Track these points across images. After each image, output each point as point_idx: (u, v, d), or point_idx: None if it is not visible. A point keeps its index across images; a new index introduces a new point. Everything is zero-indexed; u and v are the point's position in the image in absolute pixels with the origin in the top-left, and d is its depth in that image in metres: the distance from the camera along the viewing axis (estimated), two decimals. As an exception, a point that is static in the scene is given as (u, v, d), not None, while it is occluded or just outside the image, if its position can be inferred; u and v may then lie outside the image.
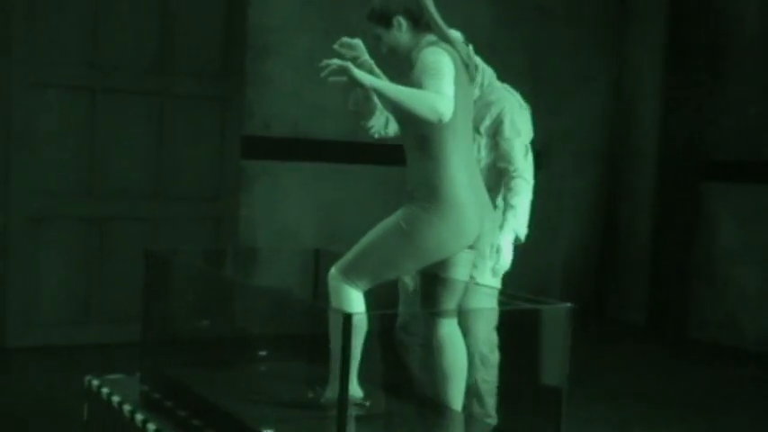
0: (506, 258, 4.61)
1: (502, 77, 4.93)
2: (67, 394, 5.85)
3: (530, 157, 4.76)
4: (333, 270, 3.88)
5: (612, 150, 9.81)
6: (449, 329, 4.03)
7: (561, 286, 9.53)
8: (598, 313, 9.72)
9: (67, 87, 7.31)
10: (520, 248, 4.87)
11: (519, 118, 4.76)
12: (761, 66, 8.57)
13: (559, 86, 9.43)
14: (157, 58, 7.56)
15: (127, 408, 4.24)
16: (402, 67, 3.99)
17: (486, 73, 4.80)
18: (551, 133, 9.37)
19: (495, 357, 4.77)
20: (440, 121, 3.61)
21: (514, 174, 4.67)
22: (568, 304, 3.71)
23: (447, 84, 3.66)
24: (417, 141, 3.88)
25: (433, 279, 4.03)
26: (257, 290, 4.46)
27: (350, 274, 3.85)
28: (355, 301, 3.84)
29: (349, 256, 3.90)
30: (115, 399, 4.37)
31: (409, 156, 3.97)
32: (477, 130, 4.63)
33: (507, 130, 4.70)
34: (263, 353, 4.70)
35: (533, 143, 4.87)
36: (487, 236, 4.13)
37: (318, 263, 4.74)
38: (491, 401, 4.76)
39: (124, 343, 7.09)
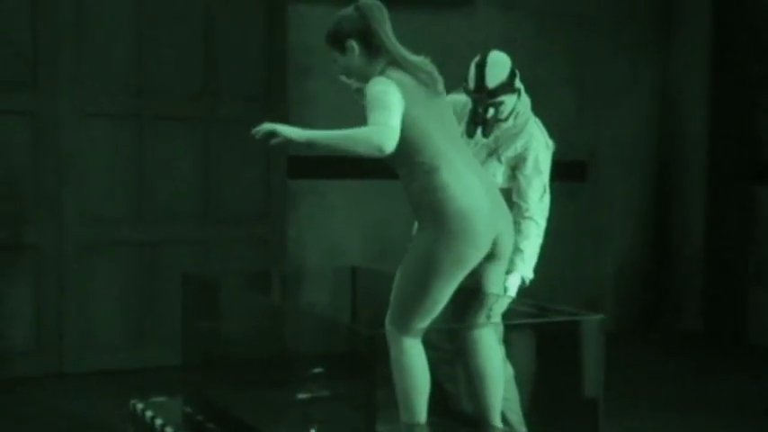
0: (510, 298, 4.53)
1: (544, 87, 4.88)
2: (115, 418, 5.92)
3: (546, 198, 4.72)
4: (387, 325, 3.86)
5: (661, 156, 9.70)
6: (480, 333, 4.03)
7: (613, 295, 9.45)
8: (653, 322, 9.60)
9: (115, 116, 7.43)
10: (571, 257, 4.89)
11: (543, 158, 4.71)
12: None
13: (605, 93, 9.37)
14: (202, 84, 7.65)
15: (169, 430, 4.31)
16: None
17: (523, 101, 4.74)
18: (598, 141, 9.35)
19: (506, 372, 4.56)
20: (381, 152, 3.57)
21: (526, 214, 4.64)
22: (600, 315, 3.71)
23: (389, 114, 3.61)
24: (403, 166, 3.87)
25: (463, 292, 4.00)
26: (293, 311, 4.51)
27: (400, 325, 3.83)
28: (409, 352, 3.84)
29: (392, 306, 3.88)
30: (158, 421, 4.44)
31: (402, 181, 3.94)
32: (498, 158, 4.65)
33: (530, 167, 4.66)
34: (305, 375, 4.74)
35: (553, 162, 4.83)
36: (505, 236, 4.03)
37: (355, 280, 4.79)
38: (516, 418, 4.60)
39: (174, 366, 7.21)
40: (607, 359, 3.83)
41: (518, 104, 4.68)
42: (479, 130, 4.60)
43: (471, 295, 4.07)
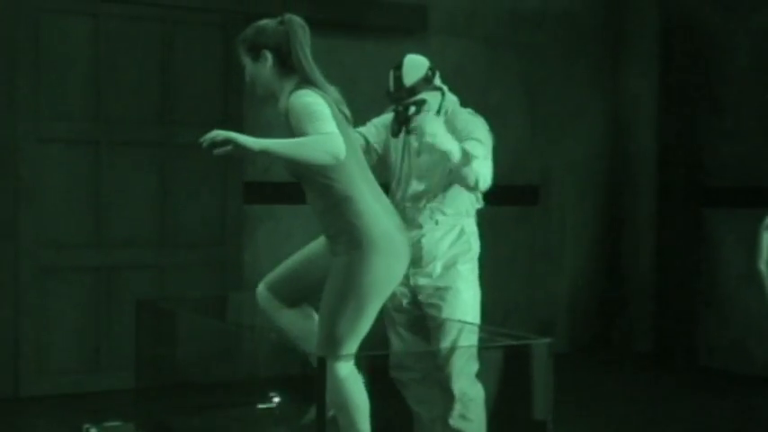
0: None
1: (498, 114, 4.85)
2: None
3: (489, 163, 4.48)
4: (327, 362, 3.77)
5: (612, 180, 9.74)
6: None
7: (567, 317, 9.46)
8: (606, 343, 9.62)
9: (72, 141, 7.38)
10: (524, 280, 4.85)
11: (476, 128, 4.58)
12: (756, 92, 8.51)
13: (557, 119, 9.40)
14: (159, 110, 7.63)
15: (121, 454, 4.27)
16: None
17: (449, 99, 4.72)
18: (550, 166, 9.37)
19: (475, 392, 4.61)
20: (337, 160, 3.60)
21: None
22: (548, 339, 3.72)
23: (329, 123, 3.63)
24: (320, 191, 3.88)
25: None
26: (247, 333, 4.49)
27: (337, 353, 3.81)
28: (350, 377, 3.84)
29: (324, 338, 3.86)
30: (111, 446, 4.40)
31: (316, 205, 3.96)
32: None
33: (473, 146, 4.48)
34: (257, 398, 4.72)
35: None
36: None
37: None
38: None
39: (131, 390, 7.14)
40: (560, 380, 3.82)
41: (444, 103, 4.68)
42: (404, 129, 4.57)
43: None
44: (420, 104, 4.57)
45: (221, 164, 7.71)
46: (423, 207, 4.64)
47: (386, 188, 4.37)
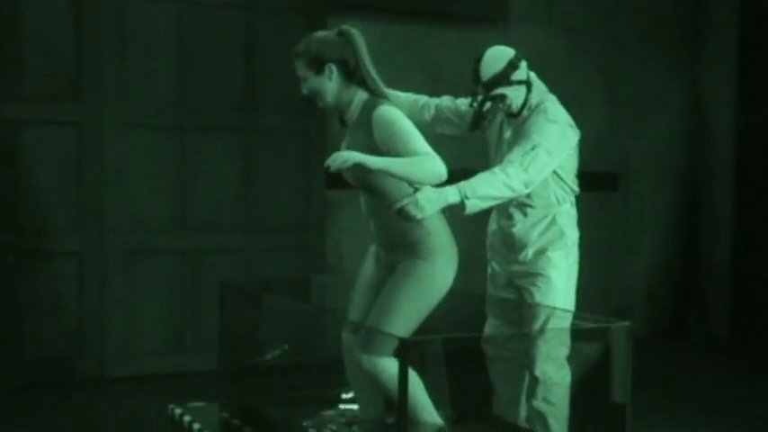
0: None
1: (577, 102, 4.68)
2: (155, 422, 5.83)
3: (531, 160, 4.21)
4: (365, 353, 3.74)
5: (691, 166, 9.57)
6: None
7: (645, 302, 9.30)
8: (683, 327, 9.46)
9: (157, 127, 7.34)
10: (603, 265, 4.73)
11: (544, 128, 4.34)
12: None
13: (636, 107, 9.25)
14: (243, 96, 7.55)
15: (206, 435, 4.16)
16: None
17: (536, 92, 4.51)
18: (630, 153, 9.22)
19: (559, 376, 4.49)
20: (441, 179, 3.64)
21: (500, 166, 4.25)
22: (627, 322, 3.59)
23: (424, 141, 3.64)
24: (386, 206, 3.80)
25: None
26: (329, 315, 4.37)
27: (386, 349, 3.72)
28: (396, 367, 3.65)
29: (375, 334, 3.76)
30: (196, 426, 4.30)
31: (381, 215, 3.88)
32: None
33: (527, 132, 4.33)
34: (342, 381, 4.58)
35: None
36: None
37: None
38: (558, 427, 4.47)
39: (215, 371, 7.08)
40: (637, 364, 3.71)
41: (530, 97, 4.47)
42: (479, 124, 4.45)
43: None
44: (498, 100, 4.38)
45: (304, 150, 7.60)
46: (512, 200, 4.45)
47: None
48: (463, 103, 4.68)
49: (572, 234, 4.65)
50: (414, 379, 3.65)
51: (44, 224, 7.02)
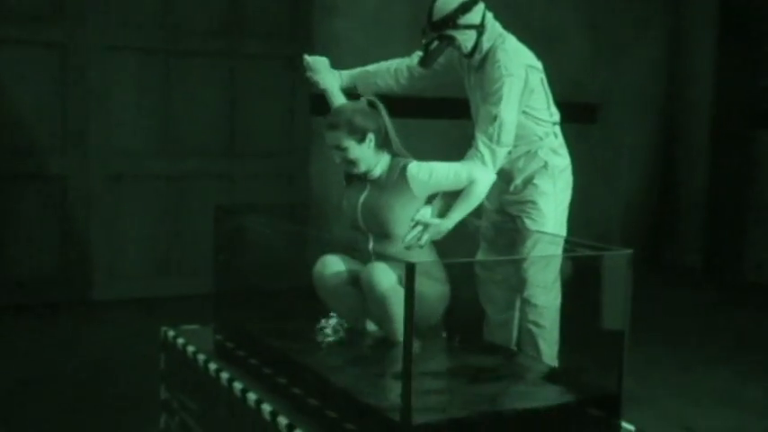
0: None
1: (559, 34, 4.53)
2: (146, 344, 5.72)
3: (497, 128, 4.15)
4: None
5: (669, 101, 9.48)
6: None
7: (620, 233, 9.28)
8: (656, 259, 9.46)
9: (141, 50, 7.15)
10: (580, 197, 4.64)
11: (501, 86, 4.20)
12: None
13: (617, 40, 9.15)
14: (227, 20, 7.36)
15: (201, 357, 4.06)
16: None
17: (489, 34, 4.32)
18: (610, 86, 9.14)
19: (548, 300, 4.46)
20: (492, 179, 4.02)
21: (472, 149, 4.20)
22: (629, 250, 3.49)
23: (456, 166, 3.93)
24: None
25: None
26: (327, 239, 4.25)
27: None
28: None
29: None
30: (190, 349, 4.18)
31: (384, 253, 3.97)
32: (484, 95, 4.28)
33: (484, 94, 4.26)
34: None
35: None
36: None
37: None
38: (547, 349, 4.46)
39: (201, 294, 6.96)
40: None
41: (481, 41, 4.32)
42: (426, 62, 4.40)
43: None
44: (445, 41, 4.30)
45: (290, 76, 7.43)
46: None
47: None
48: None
49: (558, 162, 4.58)
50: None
51: (27, 147, 6.87)
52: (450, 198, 3.94)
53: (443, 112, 7.46)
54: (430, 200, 3.89)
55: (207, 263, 7.20)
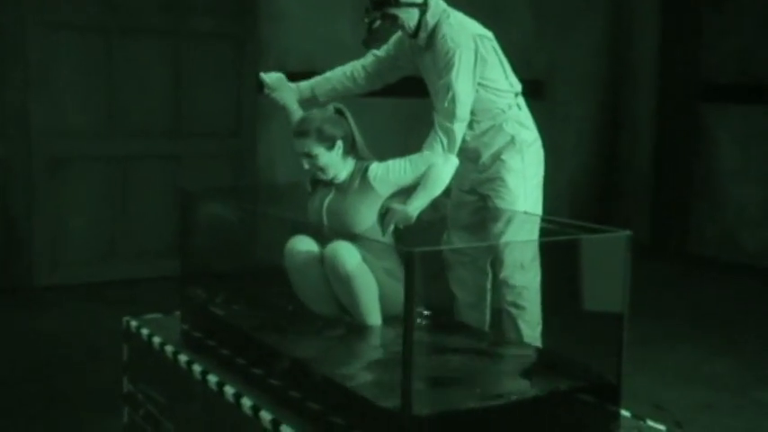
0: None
1: (504, 9, 4.39)
2: (101, 333, 5.57)
3: (454, 100, 4.06)
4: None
5: (614, 75, 9.44)
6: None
7: (568, 208, 9.17)
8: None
9: (82, 28, 6.85)
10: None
11: (452, 57, 4.08)
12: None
13: (561, 15, 9.03)
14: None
15: (169, 349, 3.83)
16: None
17: (436, 11, 4.17)
18: (556, 61, 9.03)
19: (526, 280, 4.30)
20: (455, 165, 3.97)
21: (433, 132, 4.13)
22: (627, 231, 3.40)
23: (416, 159, 3.92)
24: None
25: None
26: (290, 222, 4.09)
27: None
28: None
29: None
30: (156, 339, 3.95)
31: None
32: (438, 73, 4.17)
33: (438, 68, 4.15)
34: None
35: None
36: None
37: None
38: (529, 331, 4.30)
39: (150, 278, 6.74)
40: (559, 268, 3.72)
41: (425, 19, 4.17)
42: (369, 42, 4.27)
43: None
44: (387, 20, 4.15)
45: (237, 54, 7.19)
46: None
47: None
48: (384, 50, 4.42)
49: (525, 136, 4.41)
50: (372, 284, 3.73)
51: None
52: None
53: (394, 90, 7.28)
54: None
55: (154, 245, 7.02)
